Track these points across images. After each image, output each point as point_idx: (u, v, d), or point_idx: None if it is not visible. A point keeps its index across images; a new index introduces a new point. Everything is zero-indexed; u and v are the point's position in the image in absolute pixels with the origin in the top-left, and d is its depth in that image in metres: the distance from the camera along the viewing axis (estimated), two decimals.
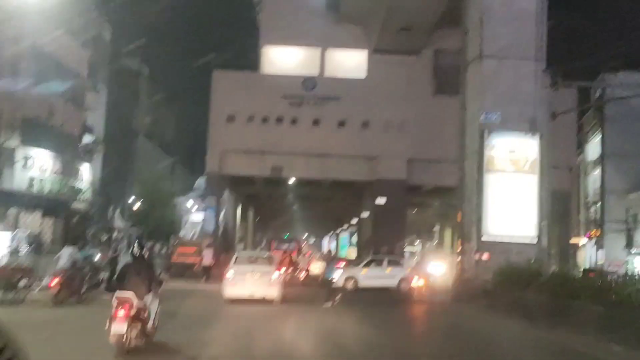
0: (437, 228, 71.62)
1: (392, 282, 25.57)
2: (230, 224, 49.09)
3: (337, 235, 69.69)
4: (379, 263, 27.14)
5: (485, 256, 18.56)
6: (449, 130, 37.75)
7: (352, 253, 52.63)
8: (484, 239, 19.02)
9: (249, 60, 39.25)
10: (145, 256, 10.89)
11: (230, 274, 17.87)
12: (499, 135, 18.98)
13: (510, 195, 19.15)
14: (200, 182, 42.62)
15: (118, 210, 39.14)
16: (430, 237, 69.54)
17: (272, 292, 17.63)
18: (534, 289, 13.70)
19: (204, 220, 37.47)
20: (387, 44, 37.57)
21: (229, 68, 39.22)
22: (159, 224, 41.82)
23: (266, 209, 68.58)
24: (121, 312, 8.98)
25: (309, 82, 38.18)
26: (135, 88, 77.03)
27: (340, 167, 38.37)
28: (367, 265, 26.91)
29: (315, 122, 38.15)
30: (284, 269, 24.56)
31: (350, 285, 25.28)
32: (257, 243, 73.11)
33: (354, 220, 52.53)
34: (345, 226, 60.70)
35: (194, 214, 41.09)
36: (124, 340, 9.01)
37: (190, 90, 61.33)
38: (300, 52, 39.57)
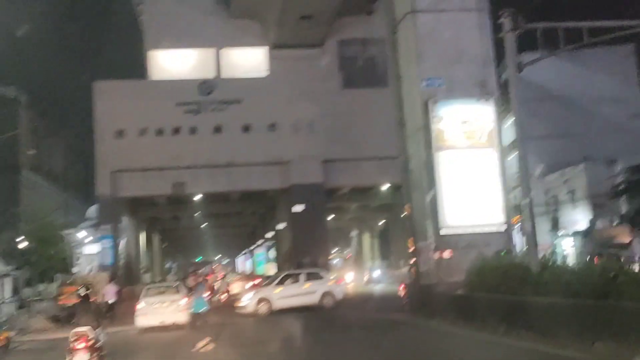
0: (354, 233, 69.41)
1: (312, 299, 22.15)
2: (133, 253, 44.20)
3: (252, 251, 65.67)
4: (295, 278, 23.34)
5: (446, 254, 15.43)
6: (363, 125, 35.30)
7: (272, 269, 48.87)
8: (442, 232, 15.81)
9: (136, 68, 34.97)
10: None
11: (141, 305, 19.15)
12: (446, 104, 15.77)
13: (468, 175, 15.93)
14: (92, 210, 37.60)
15: None
16: (347, 243, 66.98)
17: (181, 317, 18.84)
18: (531, 289, 10.57)
19: (100, 252, 32.64)
20: (287, 37, 34.39)
21: (114, 77, 34.75)
22: (51, 263, 36.50)
23: (173, 232, 63.69)
24: (81, 345, 10.23)
25: (205, 86, 34.33)
26: (13, 117, 70.25)
27: (249, 176, 34.71)
28: (282, 282, 22.97)
29: (217, 129, 34.34)
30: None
31: (263, 309, 21.66)
32: (165, 272, 67.93)
33: (270, 234, 48.87)
34: (261, 241, 56.90)
35: (88, 246, 36.20)
36: None
37: (76, 111, 55.60)
38: (192, 54, 35.70)
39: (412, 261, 17.03)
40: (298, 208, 34.14)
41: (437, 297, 15.10)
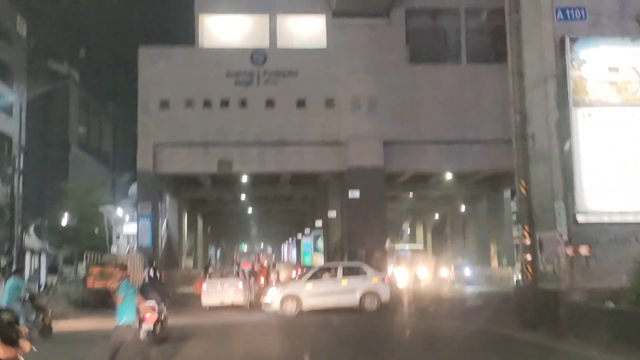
0: (406, 226, 65.76)
1: (351, 299, 18.96)
2: (175, 235, 41.75)
3: (299, 241, 62.69)
4: (332, 273, 20.06)
5: (583, 249, 11.48)
6: (429, 104, 31.77)
7: (319, 260, 45.79)
8: (580, 219, 11.68)
9: (185, 33, 32.18)
10: (159, 277, 15.30)
11: (205, 287, 22.30)
12: (588, 44, 11.64)
13: (618, 142, 11.91)
14: (135, 187, 35.10)
15: (32, 228, 31.37)
16: (399, 236, 63.32)
17: (239, 298, 21.71)
18: None
19: (138, 231, 30.01)
20: (350, 4, 30.97)
21: (161, 44, 31.98)
22: (93, 242, 34.27)
23: (216, 217, 61.31)
24: (148, 315, 12.45)
25: (258, 55, 31.28)
26: (64, 93, 69.65)
27: (301, 156, 31.56)
28: (315, 277, 19.68)
29: (269, 104, 31.25)
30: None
31: (289, 307, 18.53)
32: (209, 258, 65.73)
33: (319, 223, 45.79)
34: (308, 231, 53.90)
35: (127, 225, 33.74)
36: (154, 333, 12.68)
37: (124, 84, 53.48)
38: (245, 20, 32.61)
39: (527, 258, 13.13)
40: (354, 194, 30.85)
41: (571, 309, 11.23)
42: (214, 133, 30.81)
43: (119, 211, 32.98)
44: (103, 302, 20.46)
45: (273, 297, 18.91)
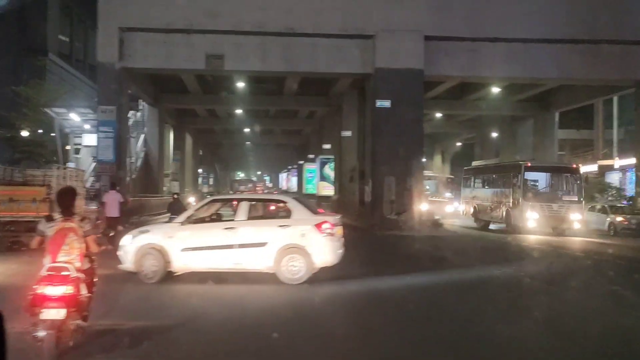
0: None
1: (259, 259, 10.17)
2: (155, 153, 34.47)
3: (301, 165, 55.35)
4: (233, 210, 11.26)
5: None
6: None
7: (326, 190, 38.79)
8: None
9: None
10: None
11: None
12: None
13: None
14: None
15: None
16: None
17: None
18: None
19: (98, 143, 22.70)
20: None
21: None
22: (49, 155, 27.16)
23: (208, 135, 53.88)
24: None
25: None
26: None
27: (314, 52, 23.95)
28: (202, 217, 10.93)
29: None
30: None
31: (150, 268, 10.07)
32: (200, 184, 58.75)
33: (328, 146, 38.63)
34: (312, 156, 46.73)
35: (88, 136, 26.29)
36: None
37: None
38: None
39: None
40: (384, 103, 23.44)
41: None
42: (200, 16, 23.08)
43: (74, 116, 25.47)
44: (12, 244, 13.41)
45: (126, 249, 10.84)
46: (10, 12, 33.53)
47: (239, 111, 39.16)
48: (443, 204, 32.52)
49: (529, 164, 23.52)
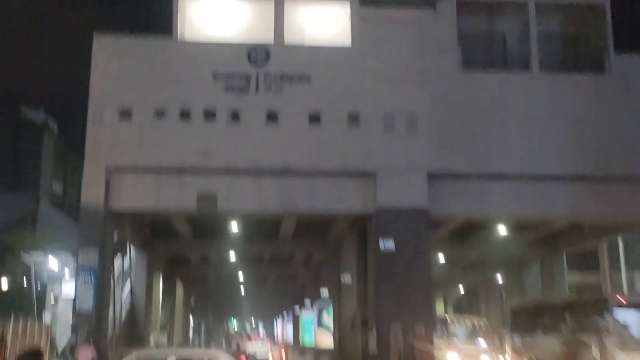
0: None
1: None
2: (142, 302, 32.22)
3: (297, 316, 52.73)
4: None
5: None
6: (492, 125, 23.37)
7: (326, 339, 36.16)
8: None
9: (161, 22, 23.91)
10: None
11: None
12: None
13: None
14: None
15: None
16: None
17: None
18: None
19: (76, 291, 20.69)
20: None
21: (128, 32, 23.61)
22: (23, 304, 25.11)
23: (201, 283, 51.63)
24: None
25: (258, 53, 22.92)
26: (38, 142, 63.17)
27: (313, 192, 22.75)
28: None
29: (271, 117, 22.63)
30: None
31: None
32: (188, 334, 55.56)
33: (325, 293, 36.61)
34: (308, 302, 44.42)
35: (68, 284, 24.24)
36: None
37: None
38: (242, 8, 24.39)
39: None
40: (388, 245, 21.86)
41: None
42: (193, 155, 22.12)
43: (53, 262, 23.63)
44: None
45: None
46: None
47: (232, 258, 37.45)
48: (477, 355, 27.08)
49: (622, 299, 18.05)
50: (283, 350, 31.70)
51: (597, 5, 24.50)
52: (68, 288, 24.66)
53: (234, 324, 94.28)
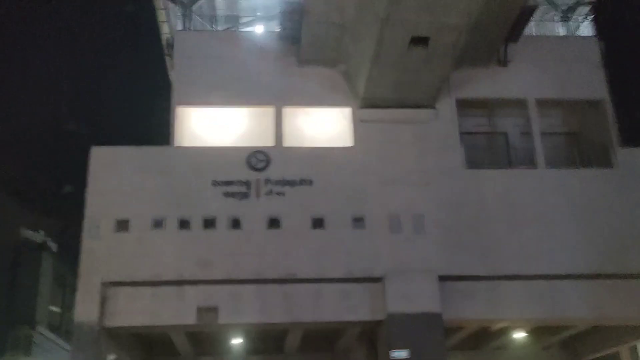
0: None
1: None
2: None
3: None
4: None
5: None
6: (498, 223, 22.69)
7: None
8: None
9: (158, 131, 23.75)
10: None
11: None
12: None
13: None
14: None
15: None
16: None
17: None
18: None
19: None
20: (383, 89, 22.91)
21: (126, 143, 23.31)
22: None
23: None
24: None
25: (258, 158, 22.54)
26: (36, 264, 61.88)
27: (319, 300, 21.55)
28: None
29: (273, 224, 21.87)
30: None
31: None
32: None
33: None
34: None
35: None
36: None
37: None
38: (241, 113, 24.25)
39: None
40: (400, 354, 20.42)
41: None
42: (192, 265, 21.14)
43: None
44: None
45: None
46: None
47: None
48: None
49: None
50: None
51: (597, 101, 24.46)
52: None
53: None
